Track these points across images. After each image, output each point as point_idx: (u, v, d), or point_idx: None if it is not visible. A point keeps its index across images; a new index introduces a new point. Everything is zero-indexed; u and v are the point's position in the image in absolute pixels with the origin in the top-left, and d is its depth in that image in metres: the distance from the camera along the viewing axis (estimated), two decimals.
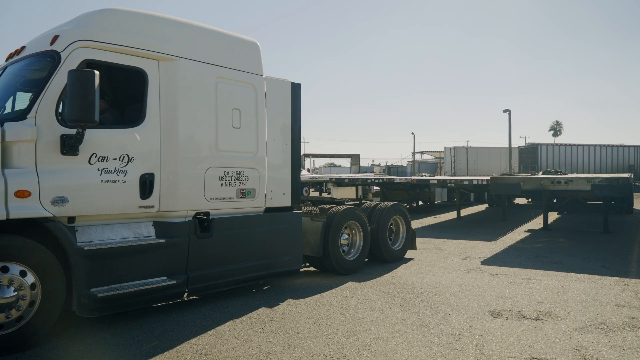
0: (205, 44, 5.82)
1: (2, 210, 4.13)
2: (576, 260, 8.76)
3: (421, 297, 6.20)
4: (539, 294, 6.30)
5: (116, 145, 4.94)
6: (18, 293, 4.20)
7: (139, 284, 4.95)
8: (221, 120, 5.86)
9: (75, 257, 4.47)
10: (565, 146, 37.55)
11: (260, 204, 6.37)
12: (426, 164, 50.51)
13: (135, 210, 5.11)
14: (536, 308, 5.66)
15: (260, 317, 5.36)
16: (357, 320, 5.21)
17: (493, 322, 5.14)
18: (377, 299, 6.07)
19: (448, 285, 6.85)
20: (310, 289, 6.63)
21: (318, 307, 5.75)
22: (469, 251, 9.91)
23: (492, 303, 5.88)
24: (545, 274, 7.54)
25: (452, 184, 14.25)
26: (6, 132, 4.33)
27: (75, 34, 4.85)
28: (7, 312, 4.14)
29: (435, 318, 5.30)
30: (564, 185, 9.69)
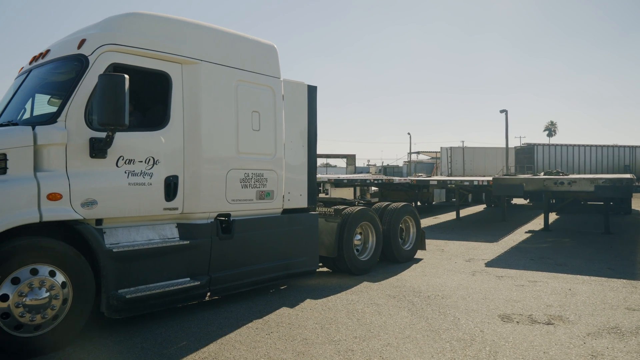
0: (226, 47, 5.88)
1: (35, 212, 4.18)
2: (580, 262, 8.69)
3: (428, 300, 6.09)
4: (547, 297, 6.21)
5: (142, 148, 4.99)
6: (50, 295, 4.21)
7: (164, 285, 5.00)
8: (241, 123, 5.92)
9: (104, 259, 4.51)
10: (561, 146, 37.58)
11: (278, 205, 6.44)
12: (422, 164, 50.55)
13: (160, 212, 5.16)
14: (546, 312, 5.57)
15: (266, 322, 5.23)
16: (366, 325, 5.09)
17: (504, 327, 5.03)
18: (383, 303, 5.96)
19: (454, 288, 6.75)
20: (314, 292, 6.51)
21: (324, 311, 5.63)
22: (471, 253, 9.82)
23: (501, 307, 5.78)
24: (551, 277, 7.46)
25: (452, 184, 14.16)
26: (38, 135, 4.36)
27: (102, 38, 4.88)
28: (42, 313, 4.16)
29: (445, 323, 5.19)
30: (567, 186, 9.62)
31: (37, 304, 4.11)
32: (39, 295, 4.13)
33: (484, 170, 37.55)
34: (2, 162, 4.20)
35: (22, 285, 4.07)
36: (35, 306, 4.10)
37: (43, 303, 4.15)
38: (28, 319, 4.08)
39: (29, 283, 4.11)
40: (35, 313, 4.12)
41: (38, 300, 4.11)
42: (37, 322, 4.13)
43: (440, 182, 14.41)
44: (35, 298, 4.11)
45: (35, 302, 4.10)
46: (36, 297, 4.11)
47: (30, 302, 4.08)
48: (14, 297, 4.01)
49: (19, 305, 4.03)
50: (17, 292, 4.03)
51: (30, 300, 4.08)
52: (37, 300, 4.11)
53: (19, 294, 4.04)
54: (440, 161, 41.86)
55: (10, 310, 4.00)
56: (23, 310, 4.05)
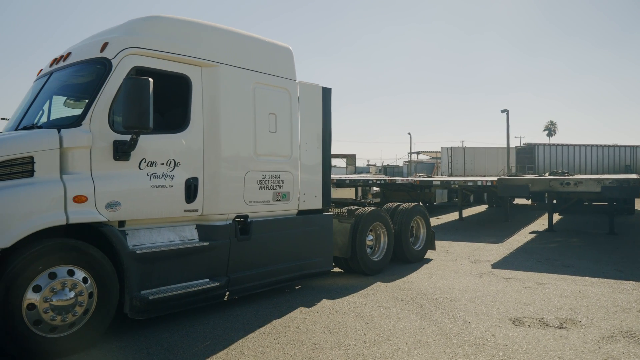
0: (243, 50, 5.91)
1: (62, 215, 4.22)
2: (588, 263, 8.60)
3: (436, 303, 5.99)
4: (557, 300, 6.12)
5: (164, 151, 5.02)
6: (77, 296, 4.22)
7: (185, 286, 5.03)
8: (259, 125, 5.97)
9: (127, 261, 4.55)
10: (562, 146, 37.51)
11: (293, 206, 6.49)
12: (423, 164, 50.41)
13: (181, 214, 5.20)
14: (557, 315, 5.48)
15: (273, 326, 5.14)
16: (375, 330, 5.00)
17: (516, 331, 4.94)
18: (391, 306, 5.86)
19: (462, 290, 6.66)
20: (321, 294, 6.41)
21: (332, 314, 5.53)
22: (477, 254, 9.73)
23: (511, 310, 5.69)
24: (559, 278, 7.37)
25: (455, 185, 14.07)
26: (64, 138, 4.40)
27: (125, 42, 4.91)
28: (66, 315, 4.17)
29: (456, 326, 5.09)
30: (573, 186, 9.53)
31: (63, 304, 4.13)
32: (65, 296, 4.14)
33: (484, 170, 37.46)
34: (29, 165, 4.23)
35: (50, 285, 4.09)
36: (61, 307, 4.12)
37: (69, 304, 4.17)
38: (55, 319, 4.10)
39: (60, 282, 4.14)
40: (62, 314, 4.14)
41: (64, 301, 4.13)
42: (63, 323, 4.15)
43: (444, 183, 14.31)
44: (62, 299, 4.12)
45: (62, 302, 4.12)
46: (63, 298, 4.13)
47: (57, 303, 4.09)
48: (42, 297, 4.04)
49: (46, 305, 4.05)
50: (46, 290, 4.06)
51: (57, 301, 4.09)
52: (63, 301, 4.13)
53: (47, 294, 4.06)
54: (441, 161, 41.76)
55: (38, 311, 4.02)
56: (50, 311, 4.07)
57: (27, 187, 4.14)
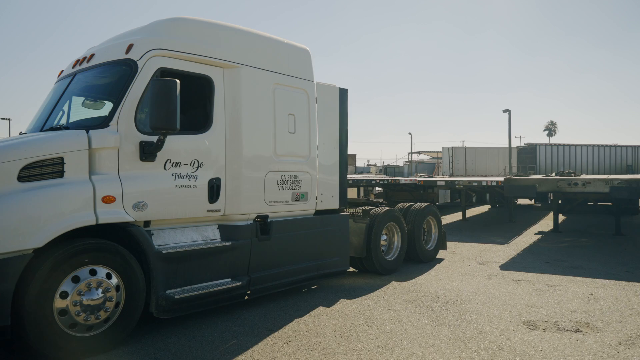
0: (264, 51, 5.95)
1: (92, 215, 4.26)
2: (597, 264, 8.50)
3: (447, 306, 5.89)
4: (570, 303, 6.01)
5: (188, 151, 5.06)
6: (105, 295, 4.26)
7: (208, 285, 5.08)
8: (279, 126, 6.01)
9: (154, 260, 4.59)
10: (563, 146, 37.43)
11: (311, 206, 6.52)
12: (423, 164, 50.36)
13: (204, 214, 5.24)
14: (571, 318, 5.37)
15: (282, 329, 5.03)
16: (387, 333, 4.89)
17: (531, 335, 4.83)
18: (401, 309, 5.75)
19: (472, 292, 6.55)
20: (328, 296, 6.31)
21: (341, 318, 5.43)
22: (483, 255, 9.62)
23: (524, 313, 5.58)
24: (569, 280, 7.26)
25: (460, 185, 13.95)
26: (92, 139, 4.44)
27: (150, 43, 4.94)
28: (96, 314, 4.21)
29: (469, 330, 4.99)
30: (581, 187, 9.42)
31: (92, 304, 4.17)
32: (94, 296, 4.18)
33: (485, 170, 37.37)
34: (59, 165, 4.26)
35: (81, 285, 4.13)
36: (90, 306, 4.16)
37: (98, 303, 4.20)
38: (83, 318, 4.13)
39: (86, 283, 4.17)
40: (91, 313, 4.17)
41: (94, 301, 4.17)
42: (91, 322, 4.18)
43: (448, 183, 14.20)
44: (91, 298, 4.16)
45: (91, 302, 4.16)
46: (92, 297, 4.17)
47: (87, 302, 4.14)
48: (73, 296, 4.07)
49: (76, 304, 4.09)
50: (75, 291, 4.09)
51: (86, 300, 4.14)
52: (93, 301, 4.17)
53: (77, 294, 4.10)
54: (442, 161, 41.66)
55: (68, 309, 4.05)
56: (79, 309, 4.11)
57: (58, 188, 4.17)
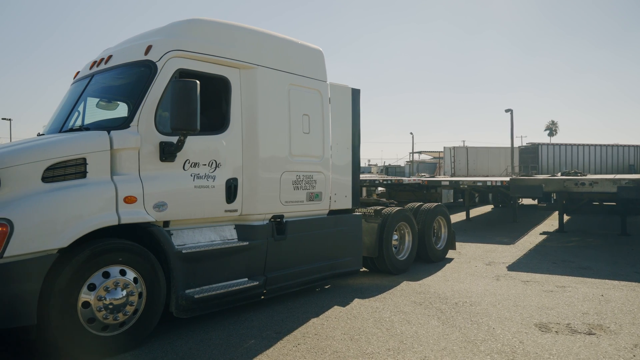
0: (279, 52, 5.99)
1: (114, 215, 4.29)
2: (605, 265, 8.41)
3: (457, 307, 5.80)
4: (581, 304, 5.93)
5: (206, 152, 5.09)
6: (128, 295, 4.29)
7: (226, 285, 5.12)
8: (294, 126, 6.05)
9: (174, 260, 4.63)
10: (565, 146, 37.29)
11: (325, 206, 6.55)
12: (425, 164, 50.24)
13: (222, 214, 5.28)
14: (584, 320, 5.29)
15: (290, 332, 4.94)
16: (397, 336, 4.81)
17: (544, 337, 4.75)
18: (410, 311, 5.67)
19: (481, 294, 6.47)
20: (334, 298, 6.22)
21: (350, 320, 5.34)
22: (490, 255, 9.54)
23: (535, 315, 5.50)
24: (578, 281, 7.18)
25: (465, 185, 13.87)
26: (114, 139, 4.48)
27: (169, 44, 4.97)
28: (119, 314, 4.23)
29: (480, 333, 4.90)
30: (588, 187, 9.34)
31: (116, 303, 4.19)
32: (117, 296, 4.20)
33: (487, 170, 37.24)
34: (81, 166, 4.30)
35: (104, 285, 4.16)
36: (114, 306, 4.18)
37: (121, 303, 4.22)
38: (106, 317, 4.16)
39: (113, 282, 4.21)
40: (113, 313, 4.19)
41: (117, 300, 4.20)
42: (114, 322, 4.21)
43: (452, 183, 14.11)
44: (114, 298, 4.18)
45: (115, 301, 4.18)
46: (115, 297, 4.19)
47: (110, 302, 4.16)
48: (97, 296, 4.10)
49: (100, 305, 4.11)
50: (99, 290, 4.12)
51: (109, 299, 4.16)
52: (116, 300, 4.19)
53: (102, 292, 4.13)
54: (443, 161, 41.54)
55: (92, 309, 4.08)
56: (104, 309, 4.14)
57: (82, 188, 4.21)
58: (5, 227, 3.72)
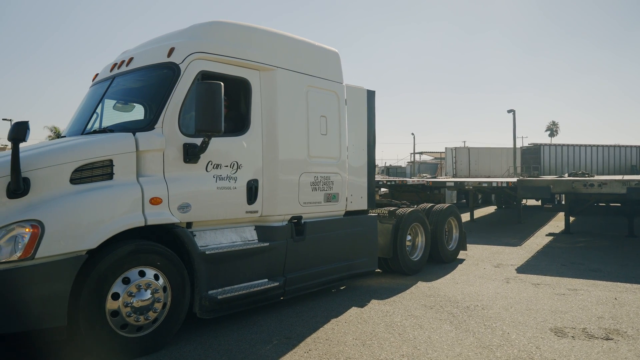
0: (297, 54, 6.03)
1: (141, 217, 4.31)
2: (615, 267, 8.30)
3: (468, 311, 5.69)
4: (595, 308, 5.82)
5: (228, 153, 5.11)
6: (154, 297, 4.30)
7: (247, 286, 5.14)
8: (312, 128, 6.06)
9: (198, 261, 4.64)
10: (567, 146, 37.16)
11: (341, 207, 6.57)
12: (426, 164, 50.04)
13: (243, 215, 5.30)
14: (600, 325, 5.18)
15: (301, 337, 4.83)
16: (410, 341, 4.70)
17: (560, 343, 4.64)
18: (421, 315, 5.56)
19: (492, 297, 6.36)
20: (342, 302, 6.11)
21: (361, 324, 5.23)
22: (497, 257, 9.43)
23: (549, 319, 5.39)
24: (590, 284, 7.07)
25: (470, 186, 13.75)
26: (139, 141, 4.50)
27: (191, 47, 4.99)
28: (145, 315, 4.25)
29: (495, 338, 4.79)
30: (597, 188, 9.23)
31: (142, 305, 4.21)
32: (144, 297, 4.22)
33: (489, 170, 37.11)
34: (108, 167, 4.32)
35: (131, 286, 4.17)
36: (140, 307, 4.20)
37: (147, 305, 4.25)
38: (133, 319, 4.18)
39: (137, 285, 4.22)
40: (140, 314, 4.21)
41: (143, 302, 4.22)
42: (140, 323, 4.22)
43: (457, 184, 13.99)
44: (141, 299, 4.21)
45: (141, 303, 4.21)
46: (142, 299, 4.21)
47: (137, 304, 4.18)
48: (124, 297, 4.12)
49: (127, 305, 4.13)
50: (126, 292, 4.13)
51: (136, 301, 4.18)
52: (142, 302, 4.21)
53: (128, 295, 4.15)
54: (445, 161, 41.43)
55: (119, 310, 4.10)
56: (130, 311, 4.15)
57: (109, 190, 4.23)
58: (37, 228, 3.74)
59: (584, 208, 12.28)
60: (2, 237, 3.71)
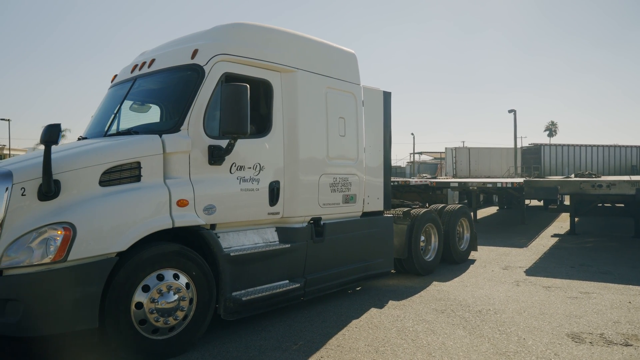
0: (316, 56, 6.03)
1: (168, 219, 4.30)
2: (625, 269, 8.18)
3: (480, 316, 5.56)
4: (610, 312, 5.69)
5: (250, 155, 5.11)
6: (179, 299, 4.28)
7: (269, 287, 5.13)
8: (331, 129, 6.06)
9: (223, 263, 4.64)
10: (567, 146, 37.08)
11: (359, 208, 6.56)
12: (426, 164, 50.05)
13: (265, 217, 5.30)
14: (617, 330, 5.05)
15: (312, 343, 4.69)
16: (424, 348, 4.56)
17: (579, 349, 4.51)
18: (433, 320, 5.43)
19: (503, 301, 6.23)
20: (352, 305, 5.97)
21: (372, 330, 5.10)
22: (505, 259, 9.30)
23: (565, 324, 5.26)
24: (602, 287, 6.94)
25: (474, 186, 13.62)
26: (166, 143, 4.49)
27: (215, 48, 4.98)
28: (170, 317, 4.22)
29: (511, 344, 4.66)
30: (606, 189, 9.11)
31: (167, 307, 4.19)
32: (169, 299, 4.19)
33: (489, 171, 37.03)
34: (136, 170, 4.32)
35: (157, 288, 4.16)
36: (165, 309, 4.18)
37: (172, 307, 4.22)
38: (158, 321, 4.15)
39: (164, 286, 4.19)
40: (165, 316, 4.19)
41: (169, 304, 4.19)
42: (165, 325, 4.20)
43: (462, 184, 13.86)
44: (167, 301, 4.18)
45: (167, 305, 4.18)
46: (167, 301, 4.18)
47: (162, 305, 4.16)
48: (149, 299, 4.10)
49: (152, 307, 4.11)
50: (152, 294, 4.12)
51: (162, 303, 4.16)
52: (168, 304, 4.19)
53: (154, 297, 4.13)
54: (445, 161, 41.36)
55: (145, 312, 4.08)
56: (156, 313, 4.13)
57: (138, 192, 4.23)
58: (69, 231, 3.74)
59: (590, 209, 12.13)
60: (34, 240, 3.71)
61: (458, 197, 20.51)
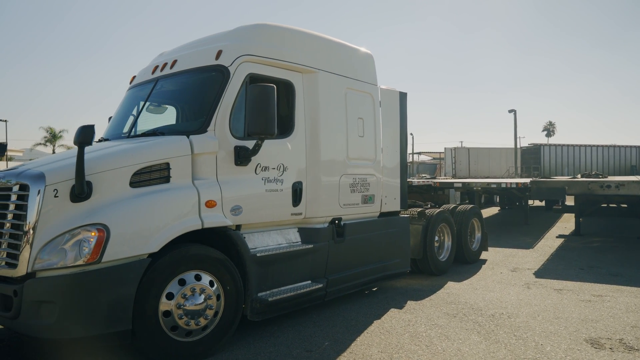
0: (336, 57, 6.02)
1: (197, 220, 4.29)
2: (635, 271, 8.05)
3: (494, 320, 5.41)
4: (626, 316, 5.55)
5: (275, 156, 5.09)
6: (207, 300, 4.25)
7: (293, 287, 5.13)
8: (350, 130, 6.05)
9: (249, 264, 4.63)
10: (567, 147, 37.01)
11: (377, 209, 6.56)
12: (425, 164, 49.88)
13: (288, 218, 5.30)
14: (636, 335, 4.91)
15: (322, 350, 4.54)
16: (439, 354, 4.41)
17: (599, 356, 4.36)
18: (445, 324, 5.28)
19: (515, 304, 6.08)
20: (361, 310, 5.82)
21: (384, 335, 4.94)
22: (512, 261, 9.16)
23: (582, 329, 5.11)
24: (614, 290, 6.81)
25: (478, 187, 13.48)
26: (194, 144, 4.48)
27: (239, 49, 4.96)
28: (198, 319, 4.20)
29: (528, 350, 4.51)
30: (615, 189, 8.99)
31: (195, 309, 4.16)
32: (197, 301, 4.17)
33: (488, 171, 36.92)
34: (165, 171, 4.31)
35: (185, 289, 4.13)
36: (193, 311, 4.15)
37: (200, 309, 4.19)
38: (185, 323, 4.12)
39: (190, 288, 4.16)
40: (193, 318, 4.16)
41: (197, 306, 4.17)
42: (192, 327, 4.17)
43: (465, 185, 13.72)
44: (195, 303, 4.16)
45: (194, 307, 4.16)
46: (195, 302, 4.16)
47: (190, 307, 4.14)
48: (177, 300, 4.08)
49: (180, 308, 4.09)
50: (179, 295, 4.08)
51: (189, 305, 4.13)
52: (196, 306, 4.16)
53: (182, 298, 4.09)
54: (444, 162, 41.22)
55: (173, 313, 4.04)
56: (184, 315, 4.11)
57: (167, 193, 4.21)
58: (102, 232, 3.72)
59: (595, 209, 12.01)
60: (68, 242, 3.68)
61: (460, 197, 20.44)
